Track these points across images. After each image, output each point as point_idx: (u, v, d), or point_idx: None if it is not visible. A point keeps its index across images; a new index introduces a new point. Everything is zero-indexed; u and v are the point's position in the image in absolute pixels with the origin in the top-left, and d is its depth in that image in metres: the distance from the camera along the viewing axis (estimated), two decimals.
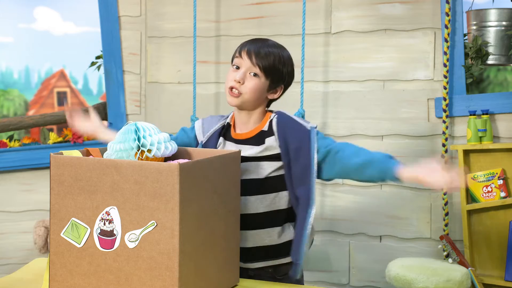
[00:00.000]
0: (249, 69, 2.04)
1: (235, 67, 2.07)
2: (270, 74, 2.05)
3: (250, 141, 2.07)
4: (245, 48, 2.06)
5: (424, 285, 2.83)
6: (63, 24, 18.31)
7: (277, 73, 2.06)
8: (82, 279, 1.68)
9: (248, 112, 2.09)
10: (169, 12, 3.75)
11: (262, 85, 2.05)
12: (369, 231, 3.41)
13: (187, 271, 1.62)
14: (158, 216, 1.59)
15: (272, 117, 2.08)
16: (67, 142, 3.64)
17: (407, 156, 3.36)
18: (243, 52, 2.06)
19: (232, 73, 2.06)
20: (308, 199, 2.00)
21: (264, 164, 2.03)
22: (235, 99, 2.05)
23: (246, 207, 2.03)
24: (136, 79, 3.79)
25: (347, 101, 3.43)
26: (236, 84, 2.03)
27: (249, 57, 2.04)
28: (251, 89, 2.03)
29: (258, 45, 2.06)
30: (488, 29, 3.38)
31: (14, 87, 17.41)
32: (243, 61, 2.05)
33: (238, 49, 2.09)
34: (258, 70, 2.03)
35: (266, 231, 2.05)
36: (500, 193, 3.14)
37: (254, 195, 2.03)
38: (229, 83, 2.05)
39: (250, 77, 2.04)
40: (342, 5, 3.45)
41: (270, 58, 2.04)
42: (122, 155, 1.79)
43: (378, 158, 1.96)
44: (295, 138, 2.01)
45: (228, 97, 2.06)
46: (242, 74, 2.03)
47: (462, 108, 3.26)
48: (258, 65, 2.03)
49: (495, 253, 3.21)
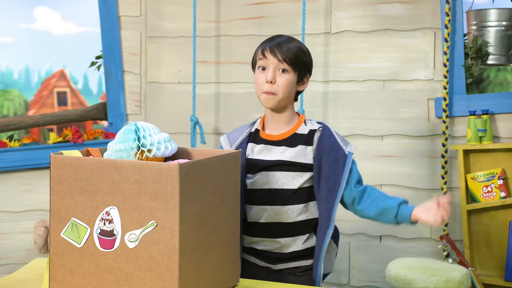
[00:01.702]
0: (277, 67, 2.03)
1: (261, 68, 2.06)
2: (297, 67, 2.05)
3: (283, 143, 2.07)
4: (266, 47, 2.05)
5: (424, 285, 2.83)
6: (63, 24, 18.29)
7: (302, 64, 2.07)
8: (82, 279, 1.68)
9: (280, 112, 2.09)
10: (169, 12, 3.75)
11: (292, 79, 2.05)
12: (369, 231, 3.41)
13: (187, 271, 1.62)
14: (158, 216, 1.59)
15: (316, 127, 2.08)
16: (67, 142, 3.64)
17: (407, 156, 3.36)
18: (266, 52, 2.04)
19: (261, 76, 2.05)
20: (328, 220, 2.04)
21: (297, 175, 2.05)
22: (270, 101, 2.04)
23: (278, 216, 2.06)
24: (136, 79, 3.79)
25: (347, 101, 3.43)
26: (269, 86, 2.03)
27: (274, 55, 2.03)
28: (284, 86, 2.03)
29: (277, 41, 2.06)
30: (488, 29, 3.38)
31: (14, 87, 17.44)
32: (268, 61, 2.04)
33: (259, 51, 2.08)
34: (286, 65, 2.03)
35: (293, 239, 2.09)
36: (500, 193, 3.14)
37: (287, 205, 2.05)
38: (262, 87, 2.04)
39: (280, 75, 2.04)
40: (342, 5, 3.45)
41: (293, 51, 2.04)
42: (122, 155, 1.79)
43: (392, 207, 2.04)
44: (331, 158, 2.03)
45: (263, 101, 2.06)
46: (272, 73, 2.03)
47: (462, 108, 3.26)
48: (285, 60, 2.03)
49: (495, 253, 3.21)
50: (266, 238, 2.09)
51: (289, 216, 2.06)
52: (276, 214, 2.06)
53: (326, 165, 2.02)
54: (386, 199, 2.05)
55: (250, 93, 3.59)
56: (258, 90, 2.06)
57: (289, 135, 2.08)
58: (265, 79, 2.03)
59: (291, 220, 2.06)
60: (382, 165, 3.37)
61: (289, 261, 2.11)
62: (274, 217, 2.06)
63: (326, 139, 2.05)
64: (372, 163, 3.40)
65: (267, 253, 2.10)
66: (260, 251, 2.11)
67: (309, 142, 2.06)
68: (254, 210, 2.08)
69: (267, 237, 2.08)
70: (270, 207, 2.06)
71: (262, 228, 2.08)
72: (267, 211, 2.06)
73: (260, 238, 2.09)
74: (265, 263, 2.12)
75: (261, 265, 2.14)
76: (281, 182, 2.05)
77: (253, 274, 2.12)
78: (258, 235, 2.09)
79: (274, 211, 2.06)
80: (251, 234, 2.11)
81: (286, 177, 2.05)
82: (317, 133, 2.07)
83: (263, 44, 2.08)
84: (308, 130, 2.08)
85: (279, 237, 2.07)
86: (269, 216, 2.06)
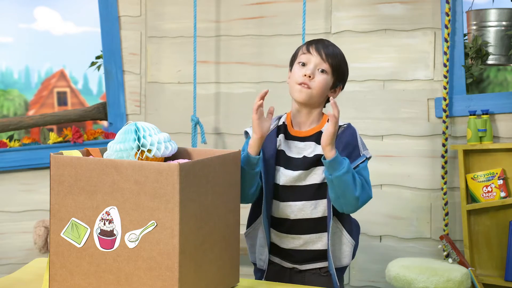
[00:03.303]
0: (318, 65, 2.04)
1: (301, 64, 2.06)
2: (336, 72, 2.07)
3: (310, 139, 2.08)
4: (313, 45, 2.07)
5: (424, 285, 2.83)
6: (63, 24, 18.32)
7: (341, 72, 2.09)
8: (82, 279, 1.68)
9: (309, 110, 2.09)
10: (169, 12, 3.75)
11: (329, 82, 2.06)
12: (369, 231, 3.41)
13: (187, 271, 1.62)
14: (158, 216, 1.59)
15: (341, 124, 2.07)
16: (67, 142, 3.64)
17: (407, 156, 3.36)
18: (311, 48, 2.06)
19: (299, 70, 2.05)
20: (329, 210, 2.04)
21: (319, 170, 2.05)
22: (304, 94, 2.04)
23: (302, 212, 2.06)
24: (136, 79, 3.79)
25: (347, 101, 3.43)
26: (306, 79, 2.03)
27: (319, 53, 2.04)
28: (320, 84, 2.04)
29: (324, 44, 2.07)
30: (488, 29, 3.37)
31: (14, 87, 17.44)
32: (312, 57, 2.05)
33: (303, 47, 2.09)
34: (327, 66, 2.04)
35: (319, 236, 2.08)
36: (500, 193, 3.14)
37: (310, 200, 2.06)
38: (299, 78, 2.04)
39: (318, 73, 2.04)
40: (342, 5, 3.45)
41: (337, 57, 2.06)
42: (122, 155, 1.79)
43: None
44: (345, 153, 2.03)
45: (296, 93, 2.05)
46: (313, 68, 2.04)
47: (462, 108, 3.26)
48: (328, 61, 2.04)
49: (495, 253, 3.21)
50: (295, 235, 2.08)
51: (312, 212, 2.06)
52: (301, 210, 2.06)
53: None
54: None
55: (250, 93, 3.59)
56: (293, 82, 2.07)
57: (316, 131, 2.08)
58: (304, 72, 2.04)
59: (316, 215, 2.06)
60: (382, 165, 3.37)
61: (315, 261, 2.10)
62: (303, 213, 2.06)
63: (348, 135, 2.06)
64: (372, 163, 3.39)
65: (294, 252, 2.10)
66: (286, 250, 2.11)
67: None
68: (286, 206, 2.07)
69: (296, 233, 2.08)
70: (301, 203, 2.06)
71: (292, 225, 2.07)
72: (297, 207, 2.06)
73: (290, 235, 2.09)
74: (291, 264, 2.12)
75: (286, 266, 2.13)
76: (312, 178, 2.05)
77: (277, 275, 2.12)
78: (287, 231, 2.09)
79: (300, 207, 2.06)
80: (280, 230, 2.10)
81: (315, 172, 2.05)
82: (341, 128, 2.07)
83: (310, 42, 2.09)
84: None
85: (306, 234, 2.07)
86: (300, 212, 2.06)
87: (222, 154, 1.80)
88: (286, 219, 2.08)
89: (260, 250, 2.14)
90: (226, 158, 1.80)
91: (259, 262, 2.15)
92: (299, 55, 2.09)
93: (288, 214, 2.07)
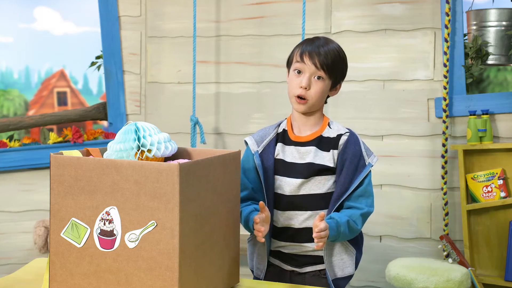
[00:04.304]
0: (314, 73, 2.03)
1: (296, 71, 2.05)
2: (333, 74, 2.05)
3: (311, 144, 2.07)
4: (305, 51, 2.04)
5: (424, 285, 2.83)
6: (63, 24, 18.32)
7: (338, 70, 2.07)
8: (82, 279, 1.68)
9: (309, 114, 2.09)
10: (169, 12, 3.75)
11: (327, 86, 2.06)
12: (369, 231, 3.41)
13: (187, 271, 1.62)
14: (158, 216, 1.59)
15: (343, 132, 2.07)
16: (67, 142, 3.64)
17: (407, 156, 3.36)
18: (304, 56, 2.03)
19: (295, 79, 2.04)
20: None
21: (324, 178, 2.05)
22: (302, 106, 2.04)
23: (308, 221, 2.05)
24: (136, 79, 3.79)
25: (347, 101, 3.43)
26: (303, 91, 2.02)
27: (312, 61, 2.02)
28: (317, 93, 2.03)
29: (315, 45, 2.04)
30: (488, 29, 3.38)
31: (14, 87, 17.43)
32: (305, 66, 2.03)
33: (296, 53, 2.06)
34: (322, 73, 2.03)
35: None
36: (500, 193, 3.14)
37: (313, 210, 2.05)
38: (295, 90, 2.04)
39: (315, 82, 2.03)
40: (342, 5, 3.45)
41: (330, 57, 2.03)
42: (122, 155, 1.79)
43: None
44: (353, 166, 2.03)
45: (295, 105, 2.06)
46: (307, 79, 2.02)
47: (462, 108, 3.26)
48: (322, 68, 2.02)
49: (495, 253, 3.21)
50: (296, 244, 2.08)
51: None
52: (307, 219, 2.05)
53: (345, 172, 2.02)
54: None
55: (250, 93, 3.59)
56: (291, 92, 2.06)
57: (316, 136, 2.07)
58: (300, 84, 2.02)
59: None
60: (382, 165, 3.37)
61: (315, 265, 2.10)
62: (307, 223, 2.05)
63: (352, 145, 2.05)
64: None
65: (295, 256, 2.10)
66: (287, 254, 2.10)
67: (335, 145, 2.06)
68: (288, 215, 2.07)
69: (298, 242, 2.07)
70: (303, 212, 2.05)
71: (294, 234, 2.07)
72: (302, 216, 2.06)
73: (293, 243, 2.08)
74: (290, 267, 2.12)
75: (285, 268, 2.13)
76: (315, 187, 2.05)
77: (277, 277, 2.12)
78: (289, 240, 2.08)
79: (305, 217, 2.05)
80: (281, 239, 2.09)
81: (320, 180, 2.05)
82: (343, 137, 2.06)
83: (301, 45, 2.07)
84: (336, 134, 2.07)
85: (309, 242, 2.05)
86: (304, 221, 2.06)
87: (222, 154, 1.80)
88: (289, 227, 2.07)
89: (258, 259, 2.13)
90: (226, 158, 1.80)
91: (257, 271, 2.15)
92: (293, 62, 2.07)
93: (292, 223, 2.07)
